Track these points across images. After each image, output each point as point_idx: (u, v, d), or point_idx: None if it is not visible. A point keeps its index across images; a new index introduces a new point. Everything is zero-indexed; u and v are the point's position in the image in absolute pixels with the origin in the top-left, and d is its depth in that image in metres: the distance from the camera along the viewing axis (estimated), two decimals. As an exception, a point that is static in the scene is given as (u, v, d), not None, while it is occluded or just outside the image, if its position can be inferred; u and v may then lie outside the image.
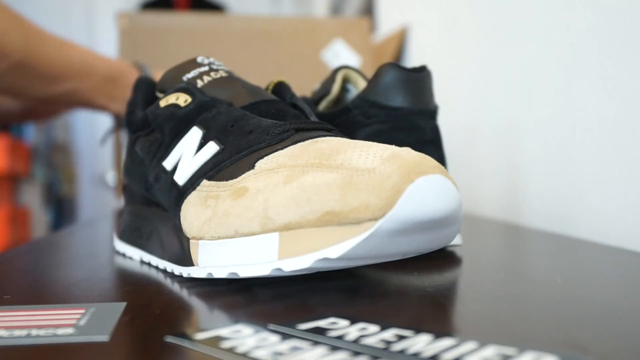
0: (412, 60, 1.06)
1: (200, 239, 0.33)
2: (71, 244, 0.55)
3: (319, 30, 1.00)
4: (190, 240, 0.34)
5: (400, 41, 1.10)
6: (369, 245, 0.28)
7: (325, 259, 0.28)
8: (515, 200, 0.69)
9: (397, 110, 0.43)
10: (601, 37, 0.53)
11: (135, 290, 0.34)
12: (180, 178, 0.36)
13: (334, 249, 0.28)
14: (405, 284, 0.35)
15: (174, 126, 0.38)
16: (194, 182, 0.35)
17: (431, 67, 0.47)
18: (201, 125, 0.37)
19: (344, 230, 0.28)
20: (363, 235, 0.27)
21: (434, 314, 0.28)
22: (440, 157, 0.45)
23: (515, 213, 0.68)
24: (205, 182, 0.35)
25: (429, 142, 0.44)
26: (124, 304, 0.29)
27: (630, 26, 0.49)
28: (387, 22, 1.28)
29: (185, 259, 0.35)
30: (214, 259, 0.32)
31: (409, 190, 0.27)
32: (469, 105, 0.82)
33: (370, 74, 0.97)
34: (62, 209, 2.61)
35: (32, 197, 2.34)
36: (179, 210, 0.36)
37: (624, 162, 0.50)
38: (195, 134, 0.37)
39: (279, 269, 0.30)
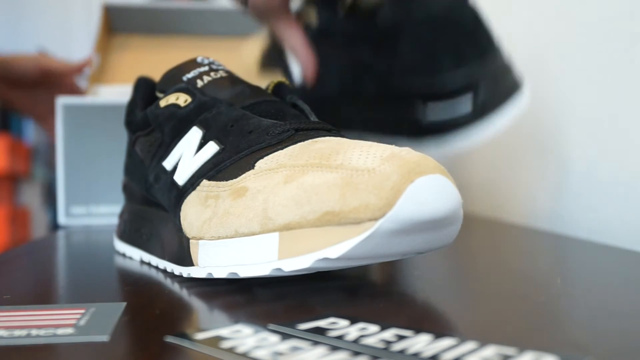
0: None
1: (200, 239, 0.33)
2: (71, 244, 0.55)
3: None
4: (190, 240, 0.34)
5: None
6: (369, 245, 0.28)
7: (325, 259, 0.28)
8: (514, 200, 0.69)
9: None
10: (601, 37, 0.53)
11: (135, 290, 0.34)
12: (180, 178, 0.36)
13: (333, 249, 0.28)
14: (405, 284, 0.35)
15: (174, 126, 0.38)
16: (194, 182, 0.35)
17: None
18: (201, 125, 0.37)
19: (344, 230, 0.28)
20: (363, 235, 0.27)
21: (434, 314, 0.28)
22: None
23: (515, 213, 0.68)
24: (205, 182, 0.35)
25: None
26: (124, 304, 0.29)
27: (631, 25, 0.49)
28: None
29: (185, 259, 0.35)
30: (213, 259, 0.32)
31: (408, 190, 0.27)
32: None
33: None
34: (62, 209, 2.60)
35: (32, 197, 2.34)
36: (179, 210, 0.36)
37: (624, 162, 0.50)
38: (195, 134, 0.37)
39: (279, 269, 0.30)
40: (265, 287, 0.33)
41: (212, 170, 0.35)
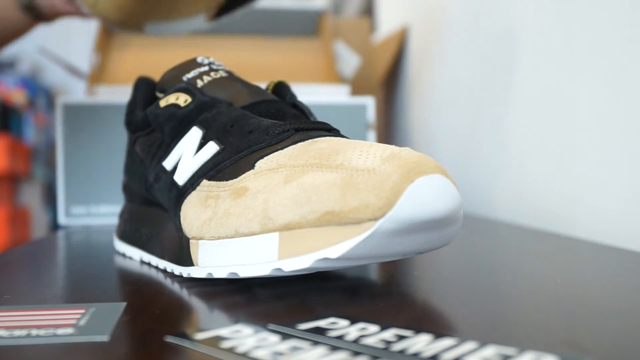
0: (412, 60, 1.06)
1: (200, 239, 0.33)
2: (71, 244, 0.55)
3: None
4: (190, 240, 0.34)
5: (400, 41, 1.10)
6: (369, 245, 0.28)
7: (325, 259, 0.28)
8: (515, 200, 0.69)
9: None
10: (602, 37, 0.53)
11: (135, 290, 0.34)
12: (180, 178, 0.36)
13: (333, 249, 0.28)
14: (405, 284, 0.35)
15: (174, 126, 0.38)
16: (194, 182, 0.35)
17: (431, 66, 0.46)
18: (201, 125, 0.37)
19: (344, 230, 0.28)
20: (363, 235, 0.27)
21: (434, 314, 0.28)
22: None
23: (515, 213, 0.68)
24: (205, 182, 0.35)
25: None
26: (124, 304, 0.29)
27: (631, 24, 0.49)
28: (387, 22, 1.28)
29: (185, 259, 0.35)
30: (213, 259, 0.32)
31: (408, 190, 0.27)
32: (469, 104, 0.82)
33: (370, 74, 0.97)
34: (62, 209, 2.60)
35: (32, 197, 2.35)
36: (179, 210, 0.36)
37: (624, 162, 0.50)
38: (195, 134, 0.37)
39: (279, 269, 0.30)
40: (265, 287, 0.33)
41: (212, 170, 0.35)
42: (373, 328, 0.24)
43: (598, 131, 0.53)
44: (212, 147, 0.35)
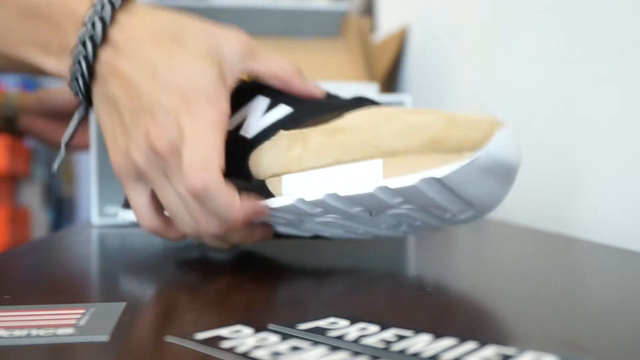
0: (412, 60, 1.06)
1: (286, 173, 0.34)
2: (71, 244, 0.55)
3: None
4: (267, 180, 0.35)
5: (400, 41, 1.10)
6: (463, 175, 0.30)
7: (431, 179, 0.30)
8: (514, 200, 0.69)
9: None
10: (601, 38, 0.53)
11: (135, 290, 0.34)
12: (248, 132, 0.37)
13: (439, 170, 0.30)
14: (405, 284, 0.35)
15: (236, 95, 0.38)
16: (267, 133, 0.36)
17: (431, 67, 0.46)
18: (266, 94, 0.37)
19: (446, 157, 0.30)
20: (463, 162, 0.30)
21: (434, 314, 0.28)
22: None
23: (515, 213, 0.68)
24: (282, 132, 0.35)
25: None
26: (124, 304, 0.29)
27: (631, 25, 0.49)
28: (387, 22, 1.28)
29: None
30: (305, 186, 0.33)
31: (498, 133, 0.30)
32: (469, 105, 0.82)
33: (370, 74, 0.97)
34: (62, 209, 2.61)
35: (32, 197, 2.34)
36: (247, 160, 0.36)
37: (624, 161, 0.50)
38: (261, 100, 0.37)
39: (385, 187, 0.31)
40: (266, 287, 0.33)
41: (291, 123, 0.35)
42: (373, 328, 0.24)
43: (598, 131, 0.53)
44: (283, 109, 0.36)
